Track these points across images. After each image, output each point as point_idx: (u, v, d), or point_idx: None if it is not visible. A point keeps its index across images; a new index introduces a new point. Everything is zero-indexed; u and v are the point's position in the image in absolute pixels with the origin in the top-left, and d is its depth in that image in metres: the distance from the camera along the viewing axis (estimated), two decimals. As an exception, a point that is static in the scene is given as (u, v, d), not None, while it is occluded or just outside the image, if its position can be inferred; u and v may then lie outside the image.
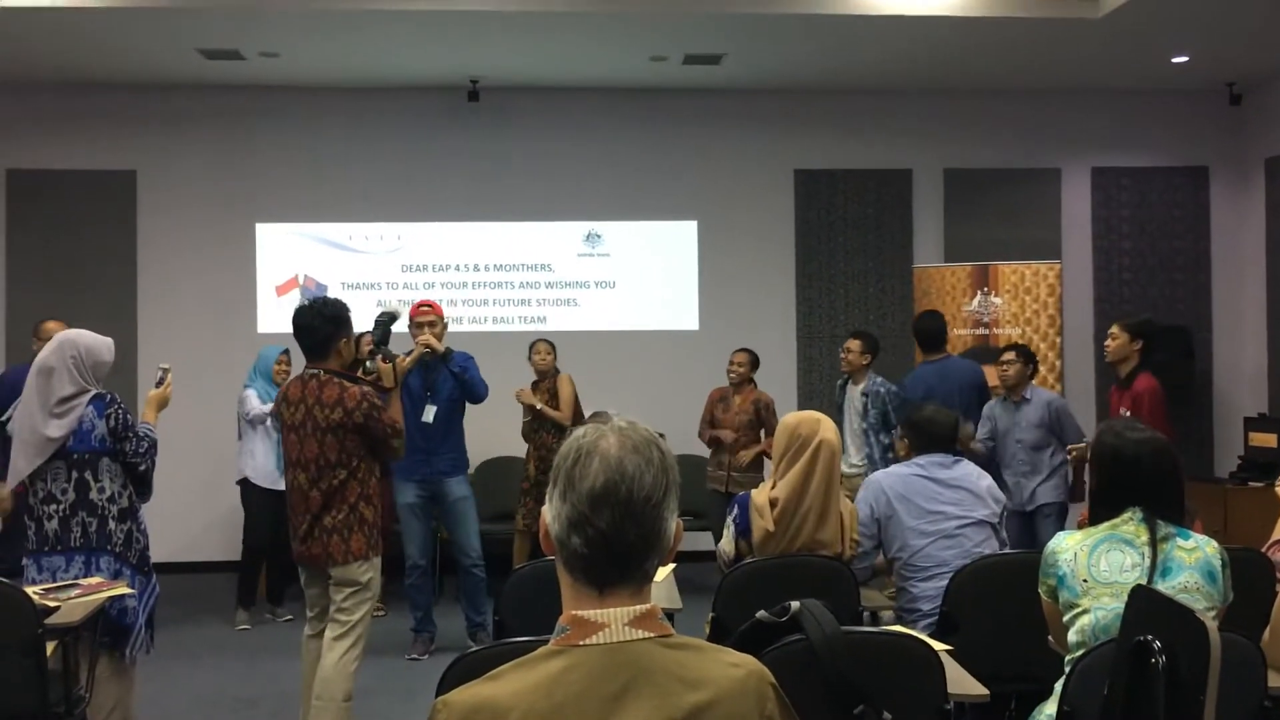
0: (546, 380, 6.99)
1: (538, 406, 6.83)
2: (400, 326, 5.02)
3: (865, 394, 6.62)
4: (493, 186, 8.36)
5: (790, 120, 8.50)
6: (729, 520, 3.82)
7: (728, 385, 7.05)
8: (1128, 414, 5.58)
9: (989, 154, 8.59)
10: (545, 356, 6.96)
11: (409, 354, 5.65)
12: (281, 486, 6.47)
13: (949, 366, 6.45)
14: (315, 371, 4.19)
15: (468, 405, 5.90)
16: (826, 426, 3.71)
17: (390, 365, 4.60)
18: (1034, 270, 7.63)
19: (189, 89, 8.10)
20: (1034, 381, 6.31)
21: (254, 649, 6.17)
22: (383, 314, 4.73)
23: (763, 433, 6.90)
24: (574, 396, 6.91)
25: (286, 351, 6.57)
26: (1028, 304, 7.52)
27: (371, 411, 4.13)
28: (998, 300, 7.57)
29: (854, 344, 6.75)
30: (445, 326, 5.85)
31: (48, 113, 8.12)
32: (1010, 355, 6.22)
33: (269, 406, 6.34)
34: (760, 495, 3.73)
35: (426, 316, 5.77)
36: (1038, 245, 8.33)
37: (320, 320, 4.20)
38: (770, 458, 6.71)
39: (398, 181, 8.32)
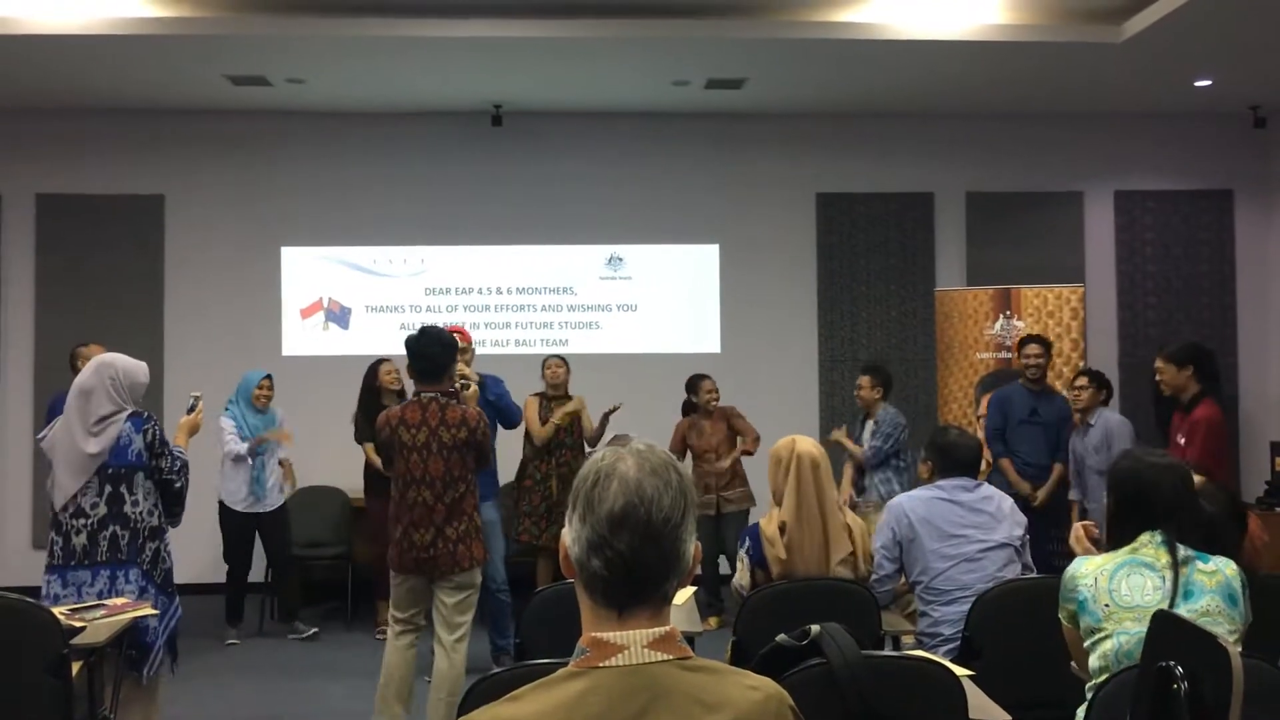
0: (559, 399, 6.92)
1: (556, 422, 6.79)
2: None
3: (876, 422, 6.80)
4: (516, 210, 8.41)
5: (812, 144, 8.53)
6: (742, 553, 3.86)
7: (696, 415, 7.13)
8: (1183, 441, 5.55)
9: (1011, 177, 8.59)
10: (557, 370, 6.90)
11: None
12: (255, 510, 6.67)
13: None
14: (433, 395, 4.55)
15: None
16: (801, 441, 3.90)
17: (466, 389, 4.98)
18: (1057, 294, 7.60)
19: (216, 114, 8.21)
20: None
21: (277, 667, 6.19)
22: None
23: (738, 440, 7.09)
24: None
25: (269, 376, 6.85)
26: (1050, 327, 7.48)
27: (487, 430, 4.65)
28: (1020, 324, 7.54)
29: (864, 380, 6.93)
30: (474, 354, 5.93)
31: (77, 137, 8.23)
32: (1082, 381, 6.39)
33: (243, 446, 6.59)
34: (769, 525, 3.81)
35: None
36: (1060, 269, 8.31)
37: (439, 348, 4.59)
38: (750, 454, 6.84)
39: (421, 205, 8.39)
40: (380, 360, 6.82)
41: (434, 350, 4.56)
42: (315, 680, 5.95)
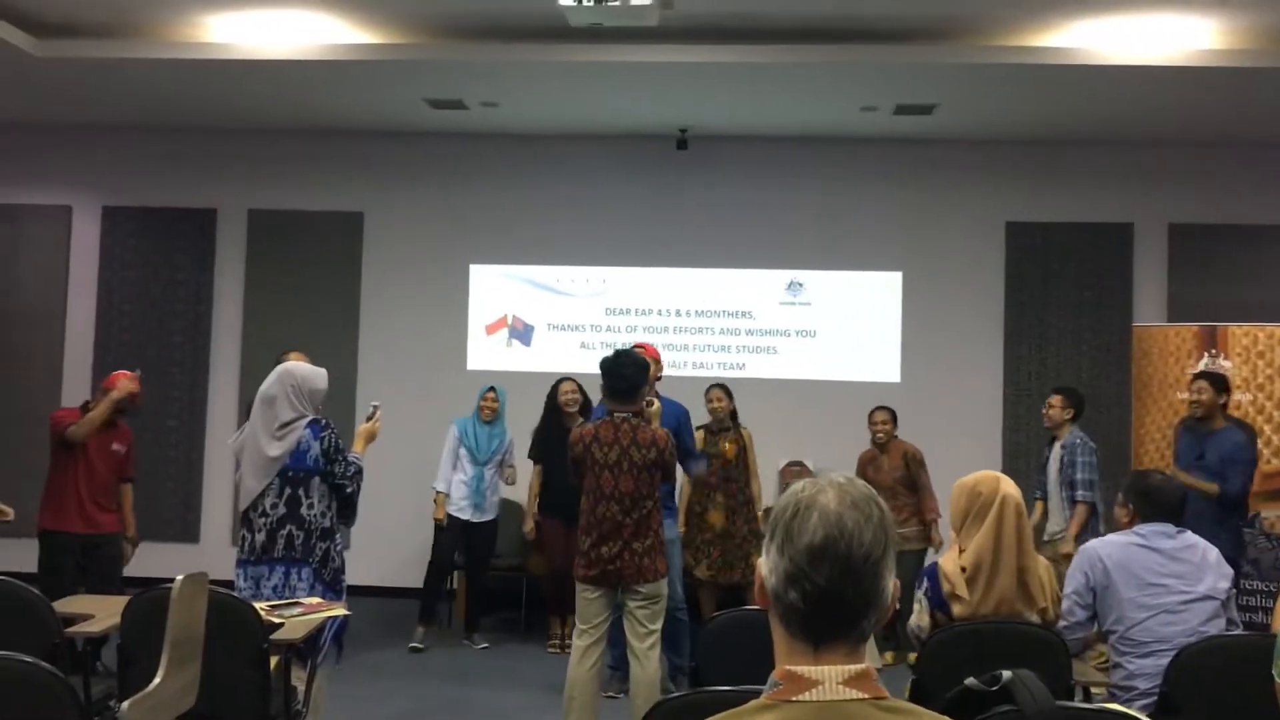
0: (723, 432, 6.70)
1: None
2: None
3: (1064, 447, 6.42)
4: (698, 233, 8.46)
5: (1003, 171, 8.29)
6: (919, 594, 3.73)
7: (873, 447, 6.97)
8: None
9: (1219, 208, 8.13)
10: (718, 404, 6.74)
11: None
12: (467, 517, 6.86)
13: None
14: (626, 415, 4.74)
15: None
16: (1006, 482, 3.66)
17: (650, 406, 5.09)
18: (1269, 333, 7.15)
19: (414, 136, 8.54)
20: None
21: (454, 674, 6.36)
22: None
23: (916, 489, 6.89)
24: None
25: (493, 389, 7.13)
26: (1260, 369, 7.04)
27: (674, 451, 4.82)
28: (1227, 364, 7.12)
29: (1055, 399, 6.57)
30: (660, 370, 5.93)
31: (286, 157, 8.69)
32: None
33: (440, 482, 6.93)
34: (949, 563, 3.64)
35: None
36: (1271, 306, 7.81)
37: (634, 369, 4.80)
38: (928, 524, 6.62)
39: (605, 226, 8.52)
40: (561, 379, 6.93)
41: (628, 371, 4.76)
42: (490, 688, 6.09)
